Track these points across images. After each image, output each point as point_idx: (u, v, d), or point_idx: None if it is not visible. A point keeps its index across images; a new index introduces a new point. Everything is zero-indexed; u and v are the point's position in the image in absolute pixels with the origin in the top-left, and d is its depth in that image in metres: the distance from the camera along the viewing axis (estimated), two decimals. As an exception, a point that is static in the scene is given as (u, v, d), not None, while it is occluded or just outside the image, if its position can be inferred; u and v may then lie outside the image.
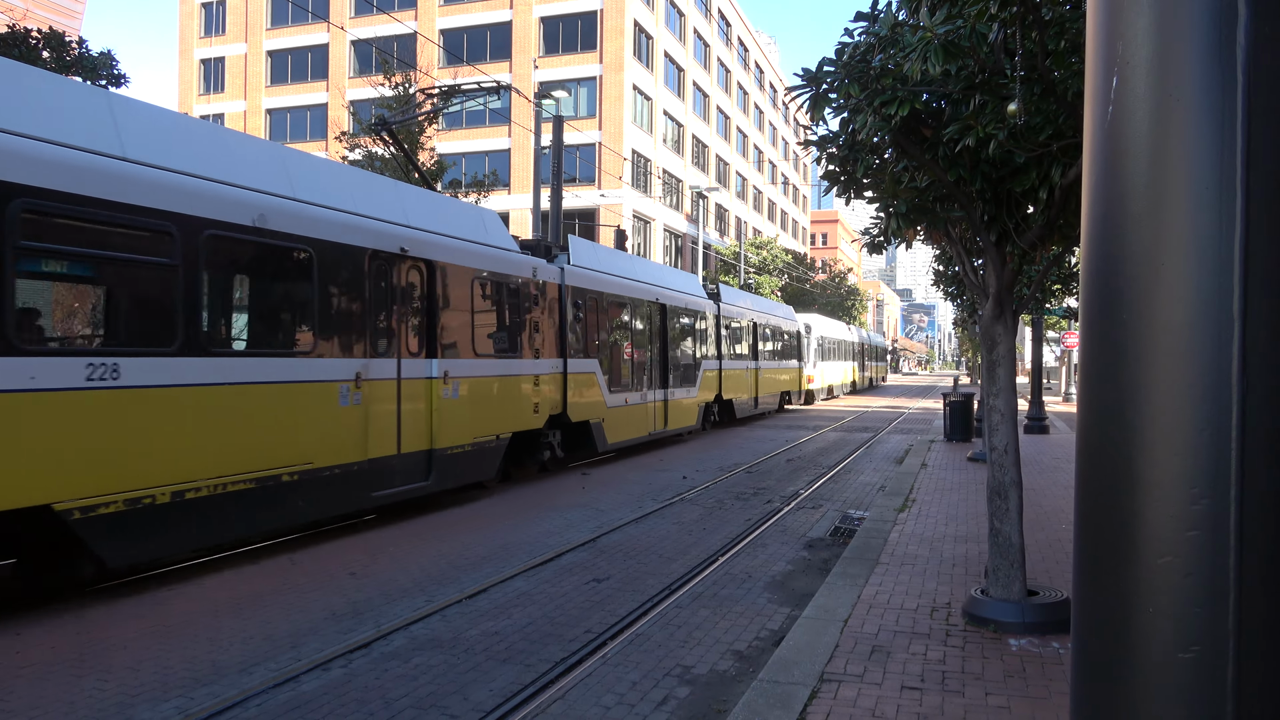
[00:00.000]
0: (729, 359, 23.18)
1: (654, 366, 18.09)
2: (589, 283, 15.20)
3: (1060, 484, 12.38)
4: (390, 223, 10.04)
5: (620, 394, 16.10)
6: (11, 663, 5.55)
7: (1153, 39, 1.16)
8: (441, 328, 10.74)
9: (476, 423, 11.43)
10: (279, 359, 8.49)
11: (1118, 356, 1.20)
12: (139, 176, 7.06)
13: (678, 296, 19.70)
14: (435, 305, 10.63)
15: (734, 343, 23.94)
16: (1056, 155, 5.09)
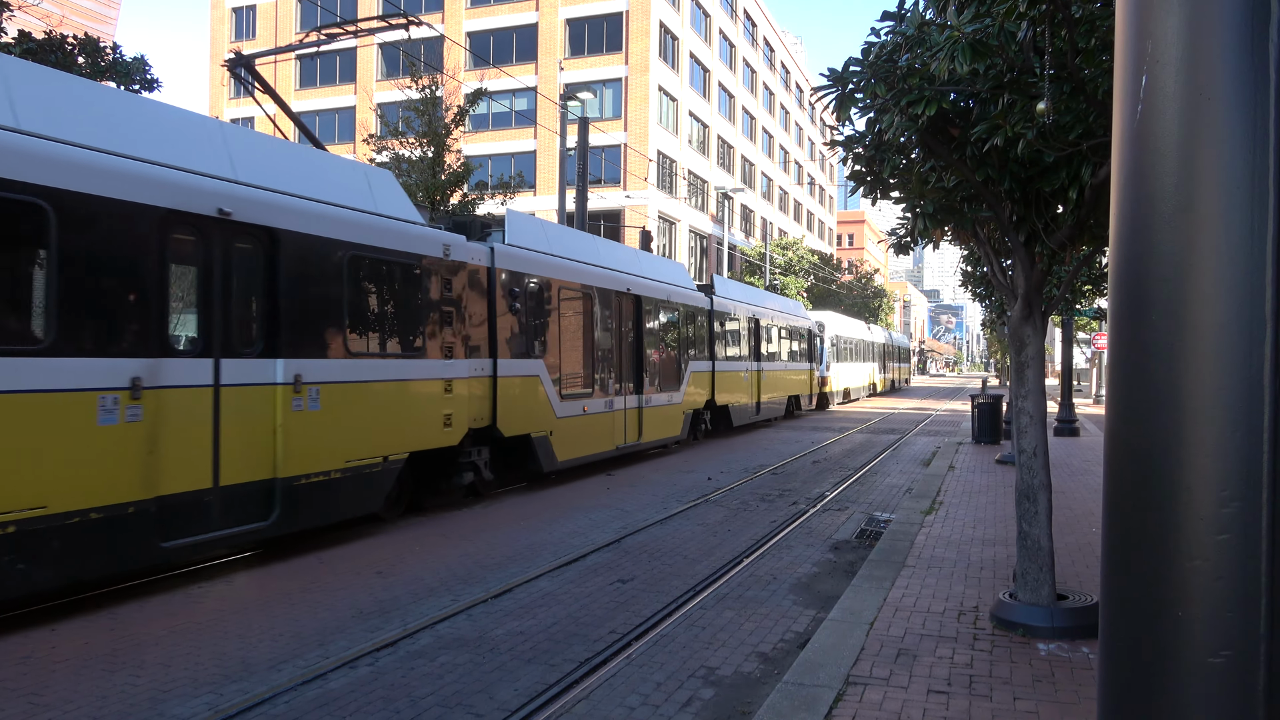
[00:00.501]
0: (724, 360, 20.82)
1: (625, 368, 15.45)
2: (531, 266, 12.47)
3: (1090, 487, 12.23)
4: (206, 175, 7.64)
5: (575, 401, 13.55)
6: (47, 657, 5.65)
7: (1183, 37, 1.15)
8: (293, 319, 8.33)
9: (351, 442, 8.96)
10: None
11: (1147, 358, 1.19)
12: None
13: (656, 287, 17.01)
14: (284, 289, 8.24)
15: (730, 342, 21.59)
16: (1086, 154, 5.04)
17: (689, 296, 18.90)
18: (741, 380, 22.20)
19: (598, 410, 14.36)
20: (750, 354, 23.21)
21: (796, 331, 28.52)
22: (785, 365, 26.94)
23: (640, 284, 16.18)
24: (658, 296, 17.00)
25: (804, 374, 29.52)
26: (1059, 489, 11.15)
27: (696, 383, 18.95)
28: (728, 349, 21.26)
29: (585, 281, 14.14)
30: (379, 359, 9.54)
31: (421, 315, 10.14)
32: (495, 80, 34.99)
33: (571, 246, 14.02)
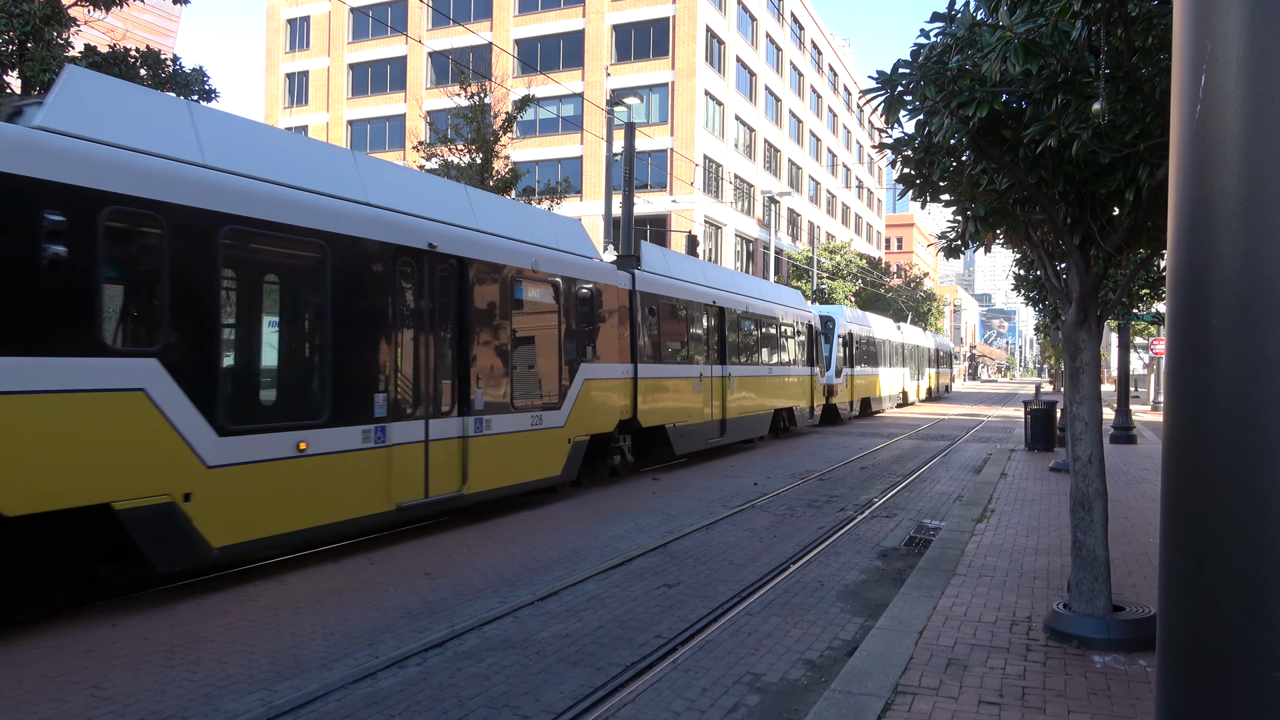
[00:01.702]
0: (654, 361, 14.92)
1: (429, 371, 9.72)
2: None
3: (1148, 495, 11.92)
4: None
5: (260, 436, 7.65)
6: (109, 652, 5.82)
7: (1245, 35, 1.12)
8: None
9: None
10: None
11: (1207, 364, 1.16)
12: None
13: (495, 248, 10.76)
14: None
15: (671, 336, 15.77)
16: (1144, 155, 4.92)
17: (580, 267, 12.70)
18: (689, 390, 16.26)
19: (352, 446, 8.74)
20: (711, 353, 17.51)
21: (790, 326, 22.85)
22: (770, 369, 20.90)
23: (446, 237, 9.95)
24: (495, 261, 10.75)
25: (803, 381, 23.53)
26: (1115, 498, 10.89)
27: (594, 395, 12.95)
28: (665, 346, 15.48)
29: (278, 214, 9.53)
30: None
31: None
32: (542, 86, 35.31)
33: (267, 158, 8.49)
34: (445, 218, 10.17)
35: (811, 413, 24.58)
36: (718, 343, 17.96)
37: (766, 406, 20.67)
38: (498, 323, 10.91)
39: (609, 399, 13.47)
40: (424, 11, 49.73)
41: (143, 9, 15.49)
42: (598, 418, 13.13)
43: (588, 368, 12.81)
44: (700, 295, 17.17)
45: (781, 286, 24.96)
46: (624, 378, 14.01)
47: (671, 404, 15.64)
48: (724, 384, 17.96)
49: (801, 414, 23.53)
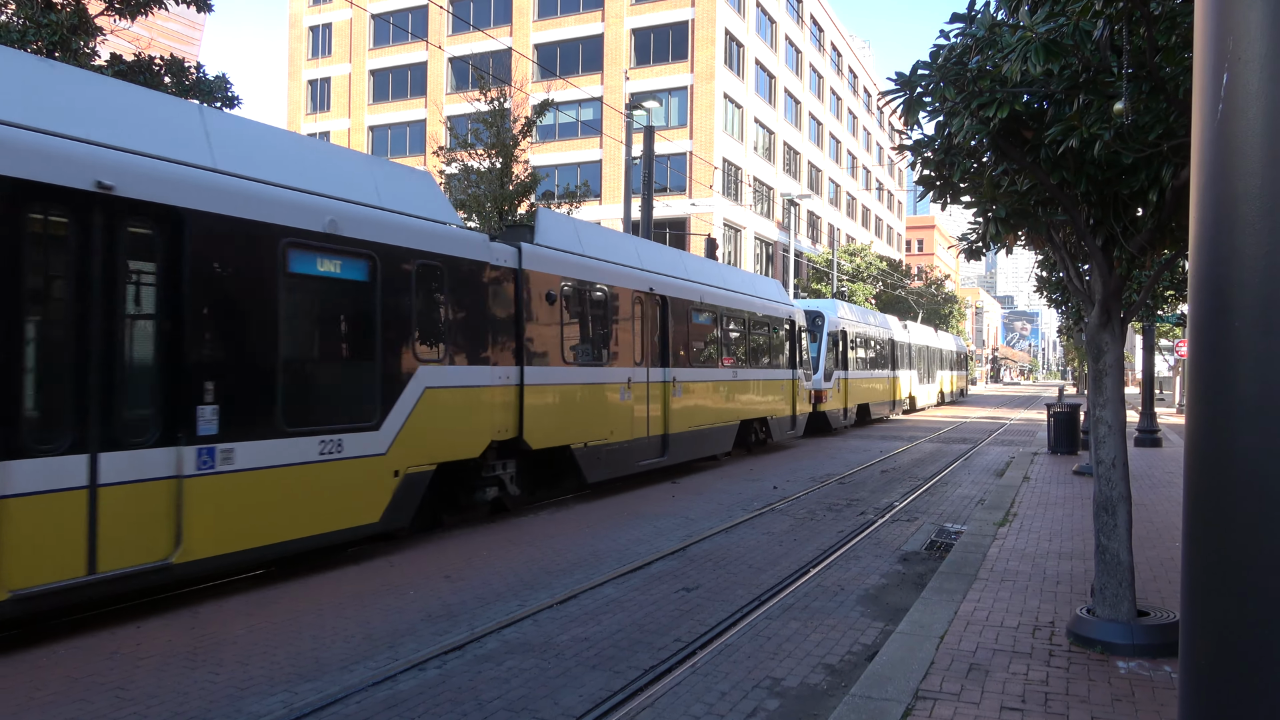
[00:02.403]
0: (553, 362, 11.57)
1: (107, 375, 6.49)
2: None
3: (1173, 500, 11.78)
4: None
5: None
6: (133, 653, 5.88)
7: (1268, 33, 1.10)
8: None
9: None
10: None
11: (1230, 366, 1.15)
12: None
13: (245, 197, 7.53)
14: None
15: (580, 330, 12.41)
16: (1167, 155, 4.87)
17: (418, 234, 9.24)
18: (610, 399, 12.89)
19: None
20: (648, 353, 14.00)
21: (766, 322, 19.38)
22: (736, 372, 17.47)
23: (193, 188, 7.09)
24: (235, 212, 7.41)
25: (780, 385, 19.89)
26: (1139, 501, 10.77)
27: (448, 409, 9.56)
28: (573, 342, 12.17)
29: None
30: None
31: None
32: (561, 91, 35.41)
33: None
34: (161, 150, 6.99)
35: (793, 422, 20.77)
36: (658, 340, 14.33)
37: (729, 416, 17.01)
38: (252, 306, 7.53)
39: (473, 413, 9.89)
40: (444, 17, 50.04)
41: (167, 17, 15.70)
42: (451, 439, 9.52)
43: (433, 371, 9.25)
44: (629, 279, 13.54)
45: (758, 276, 21.53)
46: (501, 384, 10.43)
47: (581, 417, 12.10)
48: (666, 390, 14.39)
49: (779, 424, 19.89)
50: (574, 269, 12.17)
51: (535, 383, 11.09)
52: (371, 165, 9.51)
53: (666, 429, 14.44)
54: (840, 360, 25.89)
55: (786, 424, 20.50)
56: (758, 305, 18.99)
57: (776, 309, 20.19)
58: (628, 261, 13.83)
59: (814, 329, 24.44)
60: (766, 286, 20.78)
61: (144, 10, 14.18)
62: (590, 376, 12.44)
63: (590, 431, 12.32)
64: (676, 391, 14.76)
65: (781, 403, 20.09)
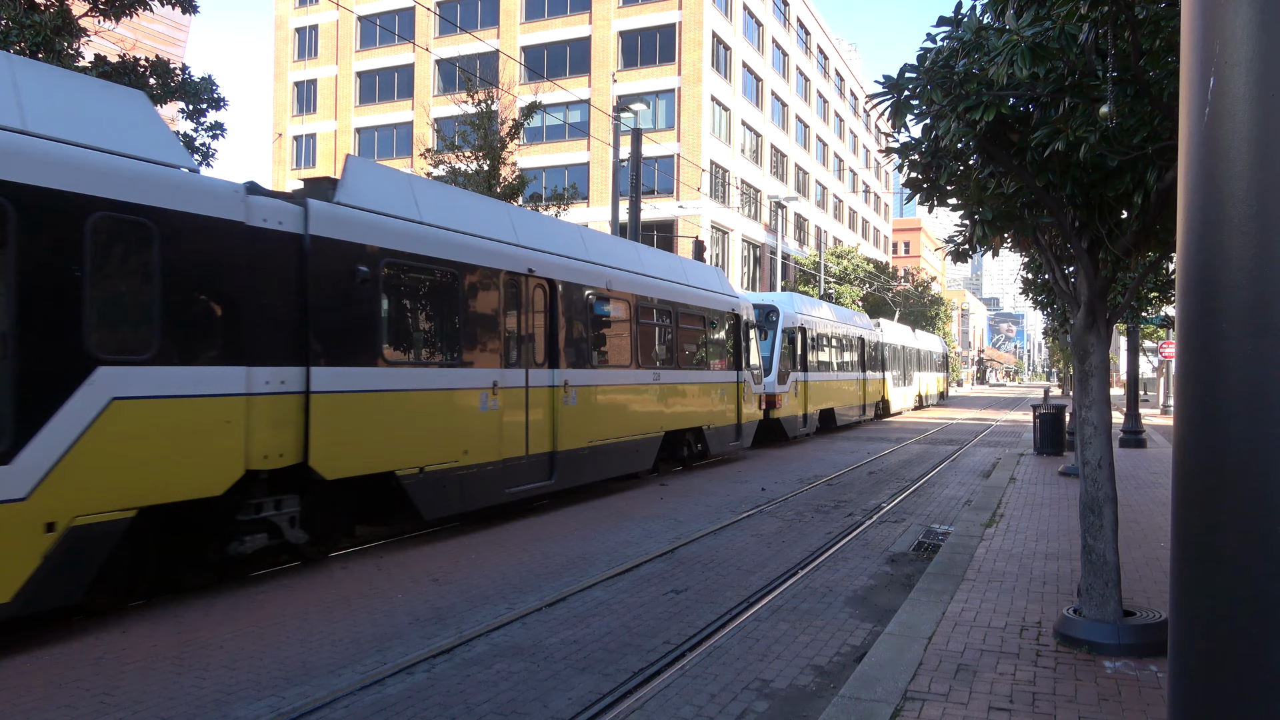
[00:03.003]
0: (366, 360, 8.78)
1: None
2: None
3: (1158, 500, 11.86)
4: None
5: None
6: (119, 658, 5.83)
7: (1254, 37, 1.11)
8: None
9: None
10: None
11: (1217, 368, 1.15)
12: None
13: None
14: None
15: (412, 320, 10.11)
16: (1152, 158, 4.91)
17: (102, 173, 6.46)
18: (464, 411, 10.07)
19: None
20: (525, 351, 11.23)
21: (701, 315, 16.52)
22: (658, 374, 14.59)
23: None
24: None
25: (720, 389, 17.08)
26: (1125, 502, 10.84)
27: (162, 427, 6.80)
28: (401, 334, 9.76)
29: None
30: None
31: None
32: (549, 93, 35.39)
33: None
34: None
35: (737, 432, 17.86)
36: (544, 335, 11.60)
37: (648, 427, 14.14)
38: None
39: (211, 433, 7.09)
40: (431, 19, 49.95)
41: (152, 19, 15.61)
42: (168, 470, 6.80)
43: (125, 375, 6.51)
44: (497, 257, 10.63)
45: (694, 262, 18.61)
46: (271, 391, 7.65)
47: (415, 434, 9.24)
48: (554, 397, 11.59)
49: (719, 434, 16.99)
50: (402, 239, 9.19)
51: (333, 389, 8.19)
52: (17, 69, 6.41)
53: (555, 445, 11.48)
54: (799, 361, 22.94)
55: (729, 434, 17.53)
56: (690, 296, 16.02)
57: (715, 300, 17.16)
58: (496, 235, 10.86)
59: (767, 325, 21.62)
60: (702, 274, 17.63)
61: (128, 11, 14.10)
62: (430, 380, 9.59)
63: (430, 452, 9.39)
64: (569, 399, 11.86)
65: (722, 409, 17.17)
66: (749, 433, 18.69)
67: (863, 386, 29.82)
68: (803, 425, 23.16)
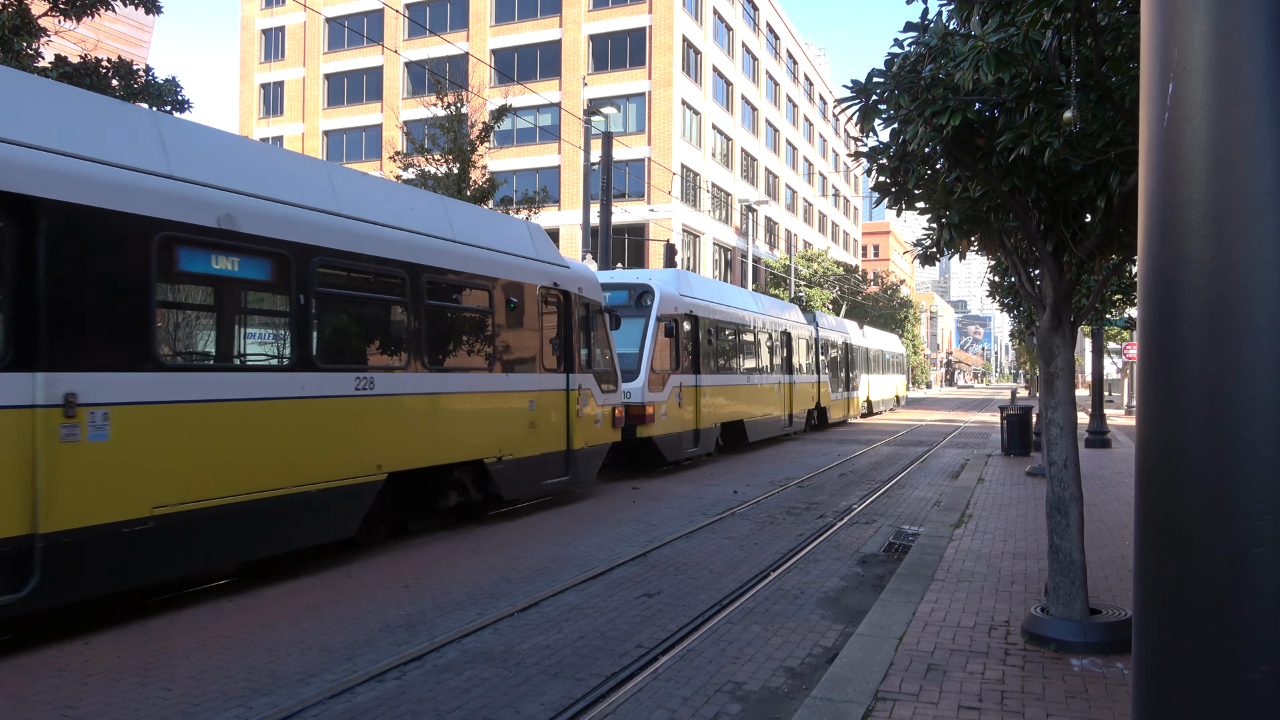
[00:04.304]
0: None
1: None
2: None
3: (1123, 499, 12.04)
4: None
5: None
6: (82, 670, 5.72)
7: (1210, 44, 1.13)
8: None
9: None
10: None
11: (1177, 368, 1.17)
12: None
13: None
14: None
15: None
16: (1114, 162, 4.99)
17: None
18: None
19: None
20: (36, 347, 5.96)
21: (484, 290, 11.07)
22: (366, 378, 8.93)
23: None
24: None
25: (525, 400, 11.54)
26: (1091, 501, 11.00)
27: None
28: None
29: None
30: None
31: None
32: (519, 96, 35.30)
33: None
34: None
35: (568, 463, 12.33)
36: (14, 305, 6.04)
37: (343, 468, 8.55)
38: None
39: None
40: (400, 22, 49.64)
41: (115, 19, 15.37)
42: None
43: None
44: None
45: (487, 212, 12.74)
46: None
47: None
48: (37, 428, 5.94)
49: (527, 468, 11.44)
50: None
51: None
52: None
53: (38, 525, 5.95)
54: (691, 359, 17.58)
55: (548, 466, 11.88)
56: (456, 256, 10.33)
57: (514, 269, 11.34)
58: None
59: (638, 311, 16.10)
60: (502, 230, 11.71)
61: (90, 11, 13.87)
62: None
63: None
64: (91, 430, 6.27)
65: (529, 432, 11.47)
66: (590, 462, 13.03)
67: (788, 392, 24.33)
68: (693, 444, 17.49)
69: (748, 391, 21.16)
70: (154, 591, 7.43)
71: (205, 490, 7.13)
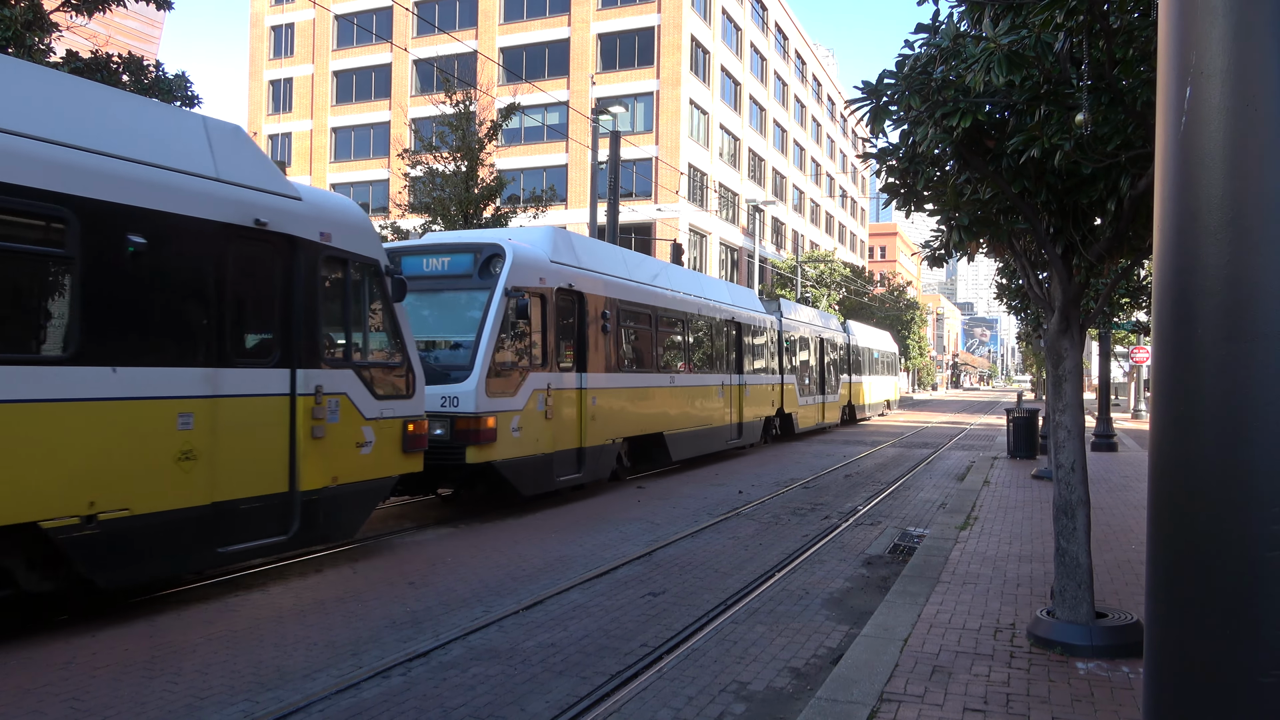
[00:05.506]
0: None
1: None
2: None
3: (1130, 503, 12.01)
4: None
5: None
6: (89, 663, 5.75)
7: (1229, 47, 1.13)
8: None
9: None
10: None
11: (1192, 373, 1.17)
12: None
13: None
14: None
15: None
16: (1125, 165, 4.98)
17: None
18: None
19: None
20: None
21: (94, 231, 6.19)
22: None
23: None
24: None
25: (120, 417, 6.33)
26: (1097, 505, 10.96)
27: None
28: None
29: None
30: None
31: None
32: (527, 95, 35.33)
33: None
34: None
35: (286, 513, 7.72)
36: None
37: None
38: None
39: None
40: (409, 19, 49.70)
41: (125, 14, 15.41)
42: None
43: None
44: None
45: (82, 84, 6.76)
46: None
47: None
48: None
49: (154, 528, 6.61)
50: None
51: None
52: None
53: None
54: (570, 352, 13.00)
55: (233, 520, 7.30)
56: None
57: (137, 185, 6.56)
58: None
59: (479, 283, 11.54)
60: (82, 107, 6.45)
61: (102, 7, 13.92)
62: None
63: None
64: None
65: (181, 469, 6.83)
66: (345, 508, 8.44)
67: (735, 396, 19.54)
68: (572, 468, 12.77)
69: (670, 395, 16.18)
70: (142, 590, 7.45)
71: None
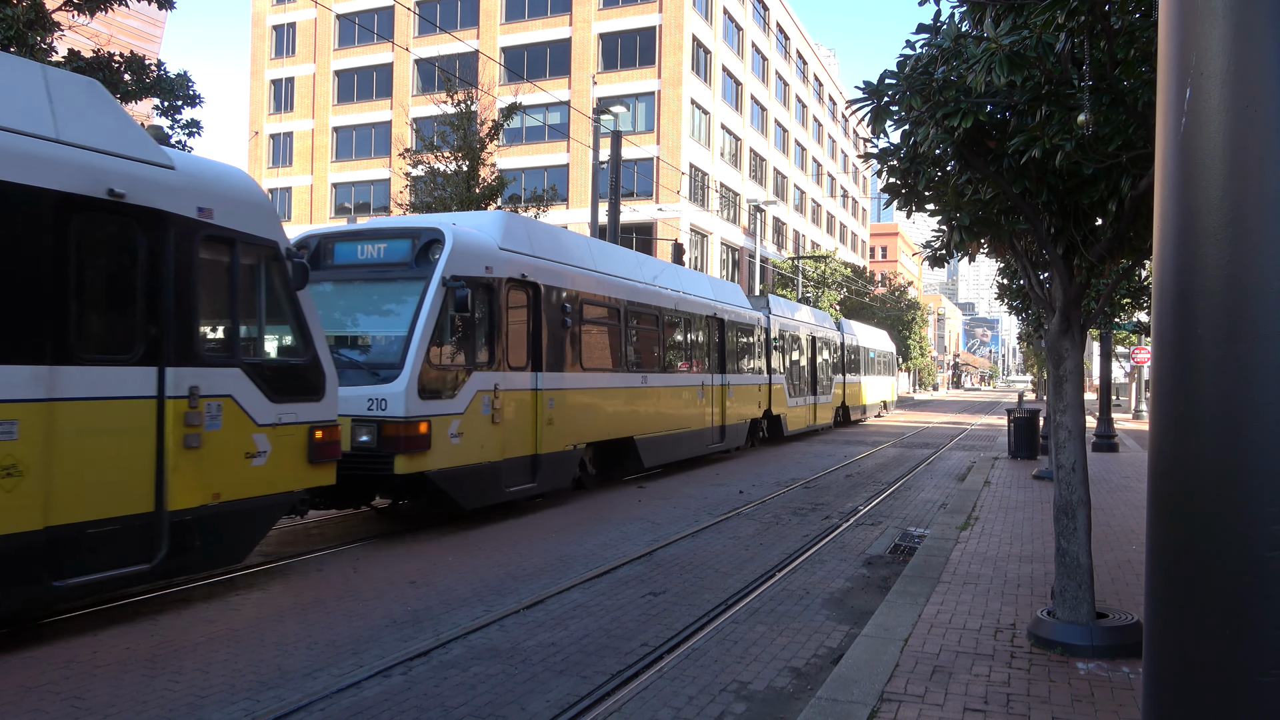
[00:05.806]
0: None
1: None
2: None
3: (1130, 503, 12.01)
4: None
5: None
6: (90, 662, 5.75)
7: (1229, 49, 1.14)
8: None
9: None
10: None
11: (1191, 372, 1.18)
12: None
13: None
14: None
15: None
16: (1126, 166, 4.98)
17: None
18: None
19: None
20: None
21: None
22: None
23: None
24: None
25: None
26: (1098, 505, 10.96)
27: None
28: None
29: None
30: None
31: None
32: (529, 94, 35.33)
33: None
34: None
35: (151, 537, 6.48)
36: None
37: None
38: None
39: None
40: (410, 19, 49.70)
41: (127, 14, 15.42)
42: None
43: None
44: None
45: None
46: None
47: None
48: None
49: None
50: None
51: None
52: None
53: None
54: (521, 348, 11.64)
55: (66, 549, 5.96)
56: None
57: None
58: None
59: (414, 271, 10.36)
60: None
61: (103, 6, 13.93)
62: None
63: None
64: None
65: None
66: (229, 529, 7.22)
67: (717, 396, 18.58)
68: (525, 477, 11.56)
69: (642, 396, 15.05)
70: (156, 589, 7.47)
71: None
